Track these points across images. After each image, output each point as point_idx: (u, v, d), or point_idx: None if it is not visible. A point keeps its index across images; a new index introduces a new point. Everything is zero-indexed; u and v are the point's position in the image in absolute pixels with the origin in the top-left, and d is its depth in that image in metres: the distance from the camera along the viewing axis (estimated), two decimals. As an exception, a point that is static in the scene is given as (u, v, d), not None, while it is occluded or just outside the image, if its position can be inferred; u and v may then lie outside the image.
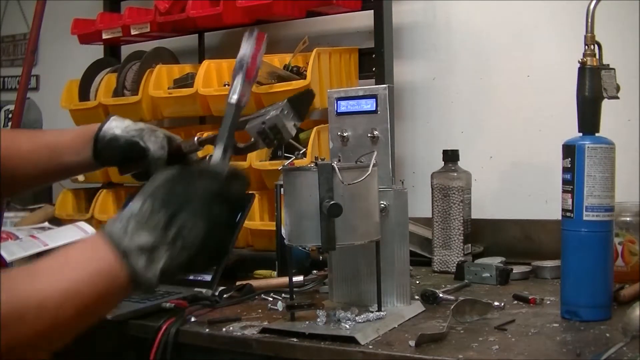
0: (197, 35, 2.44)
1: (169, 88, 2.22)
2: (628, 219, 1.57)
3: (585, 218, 1.26)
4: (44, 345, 0.80)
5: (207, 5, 2.16)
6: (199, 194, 0.88)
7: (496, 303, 1.39)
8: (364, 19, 2.09)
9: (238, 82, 1.07)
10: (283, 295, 1.53)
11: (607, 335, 1.18)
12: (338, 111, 1.42)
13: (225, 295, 1.54)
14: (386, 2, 2.02)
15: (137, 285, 0.84)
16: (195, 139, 1.19)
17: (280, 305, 1.40)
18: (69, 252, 0.84)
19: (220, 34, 2.48)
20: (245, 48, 1.08)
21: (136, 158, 1.16)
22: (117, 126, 1.16)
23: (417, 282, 1.67)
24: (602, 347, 1.09)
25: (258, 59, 1.08)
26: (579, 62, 1.29)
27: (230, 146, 1.02)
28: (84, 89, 2.44)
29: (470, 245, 1.81)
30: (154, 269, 0.84)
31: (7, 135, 1.16)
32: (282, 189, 1.35)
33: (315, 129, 1.92)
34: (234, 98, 1.06)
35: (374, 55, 2.03)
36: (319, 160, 1.23)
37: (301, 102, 1.13)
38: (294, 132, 1.12)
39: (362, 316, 1.26)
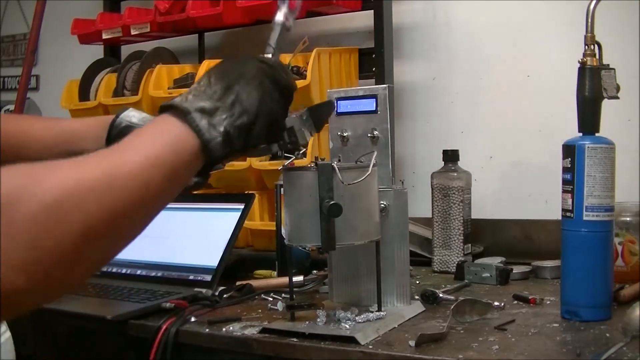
0: (197, 35, 2.44)
1: (169, 88, 2.22)
2: (628, 219, 1.57)
3: (585, 218, 1.26)
4: (138, 216, 0.79)
5: (207, 5, 2.16)
6: (252, 71, 0.95)
7: (496, 303, 1.39)
8: (364, 19, 2.09)
9: (283, 6, 1.15)
10: (283, 295, 1.53)
11: (607, 335, 1.18)
12: (338, 111, 1.42)
13: (225, 295, 1.54)
14: (386, 2, 2.02)
15: (205, 146, 0.87)
16: None
17: (280, 305, 1.40)
18: (141, 131, 0.86)
19: (220, 34, 2.48)
20: None
21: None
22: (133, 115, 1.17)
23: (417, 282, 1.67)
24: (602, 347, 1.09)
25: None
26: (579, 62, 1.29)
27: (278, 50, 1.14)
28: (84, 89, 2.44)
29: (470, 245, 1.81)
30: (217, 128, 0.88)
31: (23, 122, 1.15)
32: (282, 189, 1.35)
33: (315, 129, 1.92)
34: (280, 17, 1.17)
35: (374, 55, 2.03)
36: (319, 160, 1.23)
37: (320, 112, 1.14)
38: (308, 139, 1.11)
39: (362, 316, 1.26)
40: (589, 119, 1.29)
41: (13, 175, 0.68)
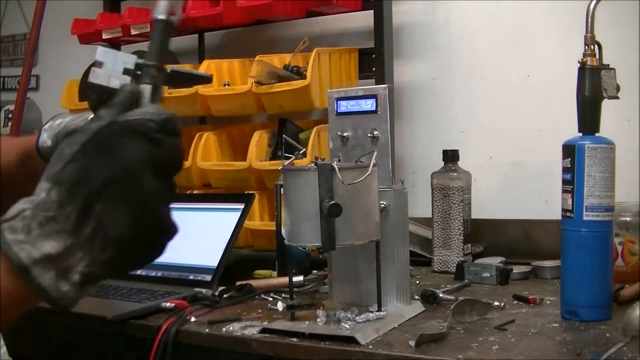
0: (197, 35, 2.44)
1: (168, 88, 2.22)
2: (628, 219, 1.57)
3: (585, 218, 1.26)
4: None
5: (207, 5, 2.16)
6: (120, 167, 0.67)
7: (496, 303, 1.38)
8: (364, 19, 2.09)
9: None
10: (283, 295, 1.53)
11: (607, 335, 1.18)
12: (338, 111, 1.42)
13: (225, 295, 1.54)
14: (386, 2, 2.02)
15: (51, 302, 0.67)
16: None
17: (280, 305, 1.40)
18: None
19: (220, 34, 2.48)
20: None
21: None
22: (47, 138, 1.07)
23: (417, 282, 1.67)
24: (602, 347, 1.09)
25: None
26: (579, 62, 1.29)
27: (161, 79, 0.80)
28: (84, 89, 2.44)
29: (470, 245, 1.81)
30: (70, 278, 0.67)
31: None
32: (282, 189, 1.35)
33: (315, 129, 1.93)
34: (160, 12, 0.81)
35: (374, 55, 2.03)
36: (319, 160, 1.23)
37: (181, 79, 0.94)
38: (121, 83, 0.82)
39: (362, 316, 1.26)
40: (589, 119, 1.29)
41: None
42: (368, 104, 1.39)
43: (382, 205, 1.34)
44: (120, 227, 0.67)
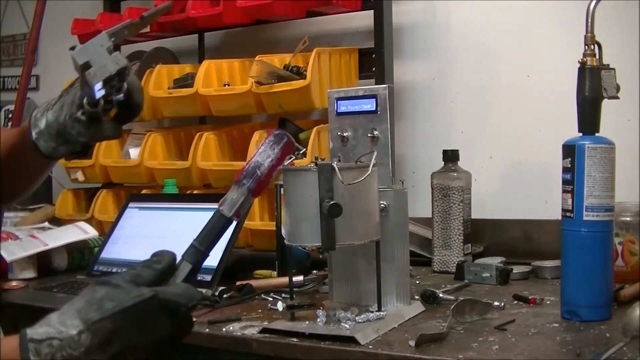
0: (197, 35, 2.44)
1: (169, 88, 2.22)
2: (628, 219, 1.57)
3: (585, 218, 1.26)
4: None
5: (207, 5, 2.16)
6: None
7: (496, 303, 1.38)
8: (364, 19, 2.09)
9: (241, 193, 0.91)
10: (283, 295, 1.53)
11: (607, 335, 1.18)
12: (338, 111, 1.42)
13: (225, 295, 1.54)
14: (386, 2, 2.02)
15: None
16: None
17: (280, 305, 1.40)
18: None
19: (220, 34, 2.48)
20: (266, 154, 0.92)
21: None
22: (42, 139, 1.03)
23: (417, 282, 1.67)
24: (602, 347, 1.09)
25: (275, 172, 0.93)
26: (579, 62, 1.29)
27: (201, 265, 0.90)
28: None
29: (470, 245, 1.81)
30: None
31: None
32: (282, 189, 1.35)
33: (315, 129, 1.93)
34: (227, 210, 0.90)
35: (374, 55, 2.03)
36: (319, 160, 1.23)
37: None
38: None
39: (362, 316, 1.26)
40: (589, 119, 1.29)
41: None
42: (368, 104, 1.39)
43: (382, 205, 1.34)
44: None
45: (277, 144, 0.91)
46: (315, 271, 1.69)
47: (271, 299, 1.51)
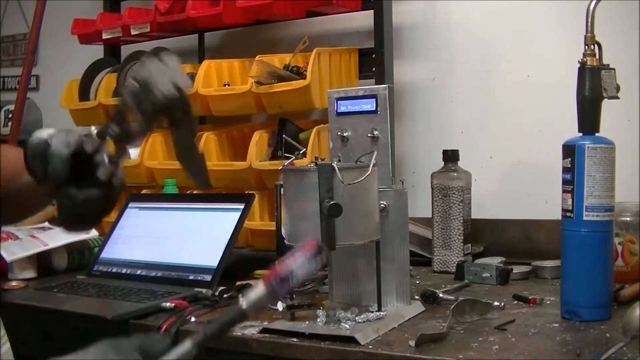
0: (197, 35, 2.44)
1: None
2: (628, 219, 1.57)
3: (585, 218, 1.26)
4: None
5: (207, 5, 2.16)
6: None
7: (496, 303, 1.39)
8: (364, 19, 2.09)
9: (267, 296, 0.87)
10: (283, 295, 1.53)
11: (607, 335, 1.18)
12: (338, 111, 1.42)
13: (225, 295, 1.54)
14: (386, 2, 2.02)
15: None
16: (93, 130, 1.05)
17: (280, 305, 1.40)
18: None
19: (220, 34, 2.48)
20: (302, 263, 0.87)
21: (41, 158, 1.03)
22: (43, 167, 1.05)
23: (417, 282, 1.66)
24: (602, 347, 1.09)
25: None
26: (579, 62, 1.29)
27: (205, 345, 0.89)
28: (84, 89, 2.45)
29: (470, 245, 1.81)
30: None
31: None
32: (282, 189, 1.35)
33: (315, 129, 1.92)
34: (248, 306, 0.87)
35: (374, 55, 2.03)
36: (319, 160, 1.23)
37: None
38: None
39: (362, 316, 1.26)
40: (589, 119, 1.29)
41: None
42: (368, 104, 1.39)
43: (382, 205, 1.34)
44: None
45: (314, 257, 0.87)
46: (315, 271, 1.69)
47: (271, 299, 1.51)
